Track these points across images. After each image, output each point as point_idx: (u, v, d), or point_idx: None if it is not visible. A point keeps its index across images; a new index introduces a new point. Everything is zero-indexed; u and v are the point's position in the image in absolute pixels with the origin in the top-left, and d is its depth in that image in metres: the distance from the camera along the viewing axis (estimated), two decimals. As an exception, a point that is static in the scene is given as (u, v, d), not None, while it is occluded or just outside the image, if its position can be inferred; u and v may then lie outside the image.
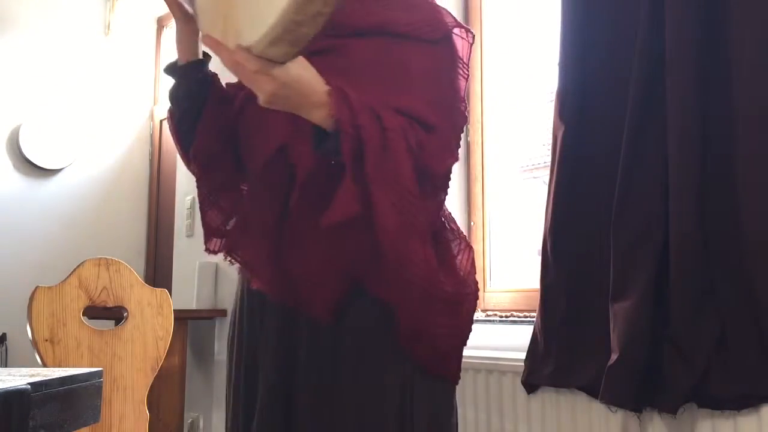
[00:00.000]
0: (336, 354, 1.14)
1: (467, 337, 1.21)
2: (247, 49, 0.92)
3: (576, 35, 1.92)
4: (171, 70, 1.26)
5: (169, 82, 1.30)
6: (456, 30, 1.20)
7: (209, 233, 1.28)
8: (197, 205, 1.29)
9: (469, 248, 1.23)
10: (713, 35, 1.65)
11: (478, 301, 1.25)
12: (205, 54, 1.26)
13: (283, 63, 0.94)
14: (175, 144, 1.31)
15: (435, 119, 1.12)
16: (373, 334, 1.14)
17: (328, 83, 1.00)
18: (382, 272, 1.11)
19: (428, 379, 1.16)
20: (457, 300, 1.19)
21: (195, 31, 1.21)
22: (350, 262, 1.12)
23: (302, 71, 0.97)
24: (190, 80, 1.24)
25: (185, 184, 3.46)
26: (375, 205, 1.02)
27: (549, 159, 1.98)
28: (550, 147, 1.99)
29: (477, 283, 1.22)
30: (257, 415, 1.16)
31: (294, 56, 0.94)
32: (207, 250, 1.28)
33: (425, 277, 1.13)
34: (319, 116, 1.00)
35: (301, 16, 0.86)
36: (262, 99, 0.96)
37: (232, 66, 0.94)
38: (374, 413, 1.12)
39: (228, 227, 1.28)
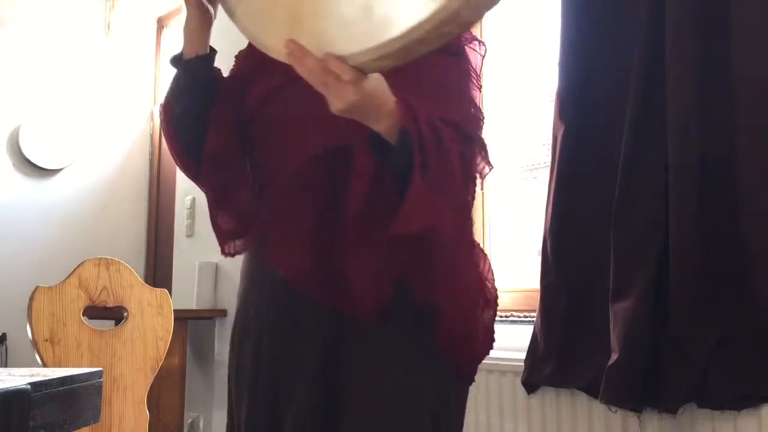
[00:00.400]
0: (379, 354, 1.13)
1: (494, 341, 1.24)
2: (342, 59, 0.89)
3: (576, 35, 1.92)
4: (176, 62, 1.22)
5: (170, 77, 1.26)
6: (471, 42, 1.25)
7: (224, 236, 1.24)
8: (197, 205, 1.27)
9: (485, 255, 1.26)
10: (713, 35, 1.65)
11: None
12: (211, 48, 1.23)
13: (368, 74, 0.92)
14: (169, 141, 1.25)
15: (469, 128, 1.16)
16: (415, 335, 1.15)
17: (393, 94, 1.01)
18: (431, 275, 1.13)
19: (455, 379, 1.19)
20: (486, 305, 1.22)
21: (207, 24, 1.19)
22: (401, 264, 1.13)
23: (380, 82, 0.97)
24: (195, 75, 1.20)
25: (185, 184, 3.46)
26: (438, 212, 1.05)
27: (549, 159, 1.99)
28: (550, 147, 1.99)
29: (497, 290, 1.25)
30: (296, 412, 1.12)
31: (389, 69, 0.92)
32: (224, 253, 1.24)
33: (474, 281, 1.18)
34: (384, 126, 1.01)
35: (431, 35, 0.83)
36: (339, 107, 0.94)
37: (319, 72, 0.91)
38: (413, 412, 1.13)
39: (240, 228, 1.24)
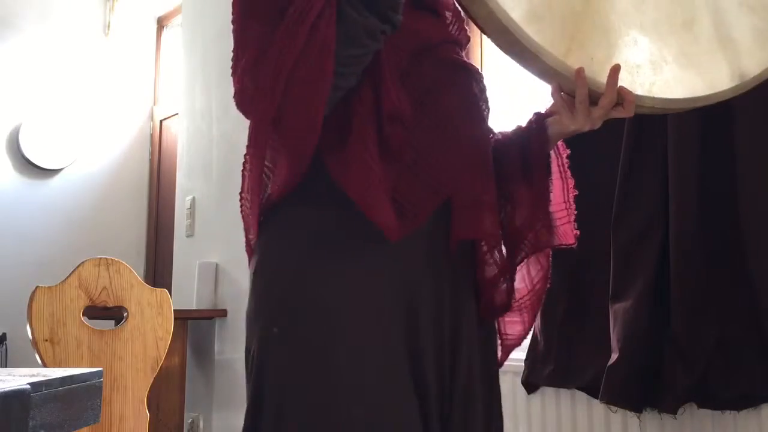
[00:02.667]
0: (487, 350, 1.16)
1: None
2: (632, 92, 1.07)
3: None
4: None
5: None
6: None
7: (390, 212, 0.97)
8: (197, 205, 1.22)
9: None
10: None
11: None
12: None
13: None
14: (312, 82, 0.92)
15: None
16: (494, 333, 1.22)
17: None
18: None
19: None
20: None
21: None
22: None
23: None
24: (396, 19, 0.96)
25: (185, 184, 3.46)
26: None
27: (549, 159, 1.98)
28: (550, 147, 1.99)
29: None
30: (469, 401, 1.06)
31: None
32: (400, 235, 0.97)
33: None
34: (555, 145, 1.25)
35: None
36: (586, 128, 1.16)
37: (610, 94, 1.07)
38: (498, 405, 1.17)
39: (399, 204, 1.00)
